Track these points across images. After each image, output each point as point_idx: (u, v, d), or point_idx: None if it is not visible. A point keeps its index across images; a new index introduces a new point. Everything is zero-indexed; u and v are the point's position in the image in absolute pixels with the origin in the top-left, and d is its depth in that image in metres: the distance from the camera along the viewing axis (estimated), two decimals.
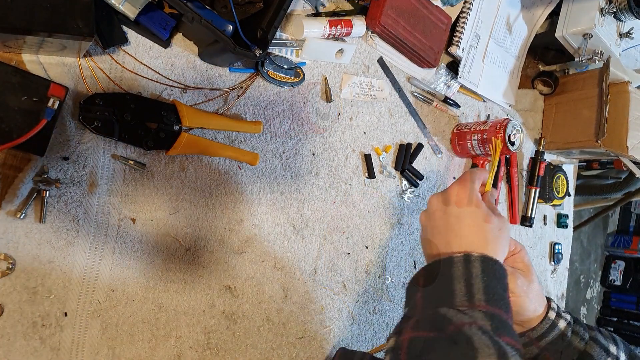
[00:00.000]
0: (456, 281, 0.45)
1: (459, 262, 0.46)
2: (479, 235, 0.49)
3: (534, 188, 1.07)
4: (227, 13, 0.64)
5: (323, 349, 0.79)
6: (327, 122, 0.80)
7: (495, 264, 0.47)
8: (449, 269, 0.46)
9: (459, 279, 0.45)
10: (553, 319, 0.54)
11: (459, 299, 0.44)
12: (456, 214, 0.51)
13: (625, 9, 0.94)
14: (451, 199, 0.52)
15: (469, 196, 0.51)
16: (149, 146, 0.62)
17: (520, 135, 0.91)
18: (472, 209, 0.51)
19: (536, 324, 0.54)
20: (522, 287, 0.53)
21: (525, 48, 1.06)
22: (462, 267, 0.46)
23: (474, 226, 0.49)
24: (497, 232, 0.49)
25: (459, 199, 0.52)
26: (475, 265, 0.46)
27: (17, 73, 0.52)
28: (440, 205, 0.53)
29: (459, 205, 0.51)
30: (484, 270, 0.45)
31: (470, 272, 0.45)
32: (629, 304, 2.90)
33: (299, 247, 0.77)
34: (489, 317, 0.41)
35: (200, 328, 0.67)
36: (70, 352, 0.58)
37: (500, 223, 0.51)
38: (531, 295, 0.53)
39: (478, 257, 0.46)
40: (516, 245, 0.57)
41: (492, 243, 0.48)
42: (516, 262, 0.56)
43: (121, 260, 0.62)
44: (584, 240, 2.92)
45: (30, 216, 0.56)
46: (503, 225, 0.51)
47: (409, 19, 0.83)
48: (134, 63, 0.63)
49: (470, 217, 0.50)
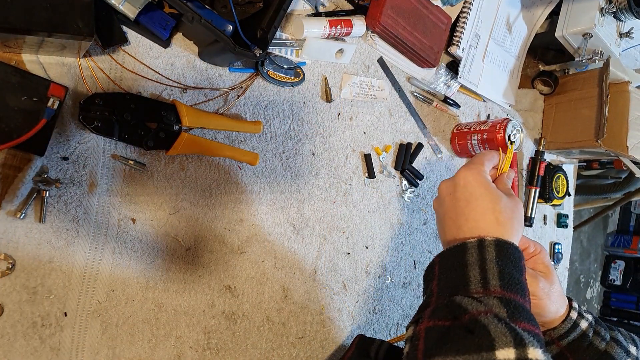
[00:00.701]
0: (470, 267, 0.44)
1: (472, 248, 0.45)
2: (490, 217, 0.47)
3: (534, 188, 1.07)
4: (227, 13, 0.64)
5: (323, 349, 0.79)
6: (327, 122, 0.80)
7: (510, 247, 0.45)
8: (463, 255, 0.45)
9: (473, 265, 0.44)
10: (575, 319, 0.54)
11: (473, 285, 0.43)
12: (465, 198, 0.49)
13: (625, 8, 0.94)
14: (460, 183, 0.51)
15: (476, 179, 0.50)
16: (149, 146, 0.62)
17: (520, 135, 0.91)
18: (481, 190, 0.49)
19: (558, 324, 0.54)
20: (543, 289, 0.52)
21: (525, 48, 1.06)
22: (476, 253, 0.45)
23: (483, 208, 0.48)
24: (509, 213, 0.48)
25: (466, 182, 0.50)
26: (489, 250, 0.45)
27: (17, 73, 0.52)
28: (450, 189, 0.52)
29: (467, 188, 0.50)
30: (499, 254, 0.44)
31: (485, 257, 0.44)
32: (629, 303, 2.90)
33: (299, 247, 0.77)
34: (505, 304, 0.41)
35: (200, 328, 0.67)
36: (70, 352, 0.58)
37: (512, 204, 0.49)
38: (553, 297, 0.52)
39: (492, 241, 0.45)
40: (536, 246, 0.56)
41: (504, 225, 0.47)
42: (537, 263, 0.55)
43: (121, 260, 0.62)
44: (584, 240, 2.92)
45: (30, 216, 0.56)
46: (515, 206, 0.49)
47: (409, 19, 0.83)
48: (134, 63, 0.63)
49: (479, 200, 0.49)
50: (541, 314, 0.52)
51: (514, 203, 0.50)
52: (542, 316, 0.53)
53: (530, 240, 0.55)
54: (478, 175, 0.50)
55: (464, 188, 0.50)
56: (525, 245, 0.55)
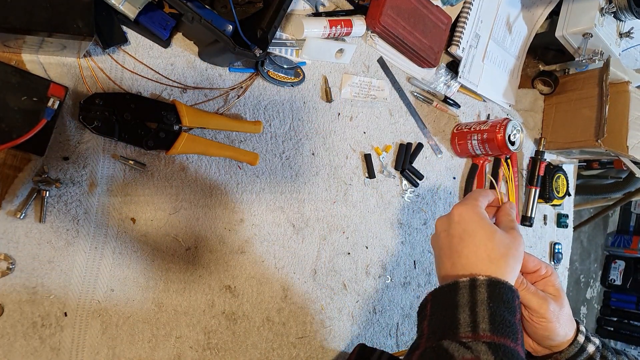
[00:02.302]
0: (461, 309, 0.44)
1: (464, 288, 0.45)
2: (482, 254, 0.47)
3: (534, 188, 1.07)
4: (227, 13, 0.64)
5: (323, 349, 0.79)
6: (327, 122, 0.80)
7: (503, 286, 0.45)
8: (454, 296, 0.45)
9: (464, 307, 0.44)
10: (582, 343, 0.53)
11: (463, 329, 0.42)
12: (459, 234, 0.49)
13: (625, 8, 0.94)
14: (454, 219, 0.50)
15: (470, 214, 0.50)
16: (149, 146, 0.62)
17: (520, 135, 0.91)
18: (474, 226, 0.49)
19: (565, 347, 0.53)
20: (554, 312, 0.51)
21: (525, 48, 1.06)
22: (468, 294, 0.44)
23: (476, 245, 0.48)
24: (502, 250, 0.47)
25: (460, 217, 0.50)
26: (481, 290, 0.44)
27: (17, 73, 0.52)
28: (445, 226, 0.52)
29: (461, 224, 0.50)
30: (490, 295, 0.44)
31: (476, 298, 0.44)
32: (629, 303, 2.90)
33: (299, 247, 0.77)
34: (494, 350, 0.40)
35: (200, 328, 0.67)
36: (70, 352, 0.58)
37: (508, 239, 0.48)
38: (562, 320, 0.52)
39: (484, 280, 0.45)
40: (547, 268, 0.55)
41: (497, 262, 0.47)
42: (547, 285, 0.54)
43: (121, 260, 0.62)
44: (584, 240, 2.92)
45: (30, 216, 0.56)
46: (511, 242, 0.48)
47: (409, 19, 0.83)
48: (134, 63, 0.63)
49: (472, 236, 0.48)
50: (550, 337, 0.52)
51: (511, 239, 0.49)
52: (551, 339, 0.52)
53: (542, 262, 0.55)
54: (472, 210, 0.50)
55: (458, 224, 0.50)
56: (537, 267, 0.54)
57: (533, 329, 0.51)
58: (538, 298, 0.50)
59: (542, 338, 0.52)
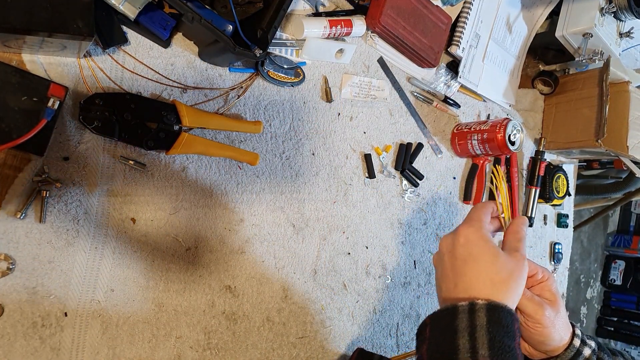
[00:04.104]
0: (460, 335, 0.43)
1: (463, 312, 0.45)
2: (485, 277, 0.47)
3: (534, 188, 1.07)
4: (227, 13, 0.64)
5: (323, 349, 0.79)
6: (327, 122, 0.80)
7: (502, 310, 0.45)
8: (453, 320, 0.45)
9: (463, 332, 0.44)
10: (578, 346, 0.53)
11: (462, 355, 0.42)
12: (463, 257, 0.49)
13: (625, 8, 0.94)
14: (459, 240, 0.50)
15: (476, 237, 0.49)
16: (149, 146, 0.62)
17: (520, 135, 0.91)
18: (478, 249, 0.48)
19: (561, 352, 0.53)
20: (549, 317, 0.51)
21: (525, 48, 1.06)
22: (467, 319, 0.44)
23: (479, 268, 0.47)
24: (505, 274, 0.47)
25: (466, 240, 0.50)
26: (480, 315, 0.44)
27: (17, 73, 0.52)
28: (449, 247, 0.51)
29: (466, 247, 0.49)
30: (490, 319, 0.44)
31: (475, 323, 0.44)
32: (629, 303, 2.90)
33: (299, 247, 0.77)
34: None
35: (200, 328, 0.67)
36: (71, 352, 0.58)
37: (511, 263, 0.48)
38: (558, 325, 0.52)
39: (483, 305, 0.45)
40: (544, 272, 0.55)
41: (499, 286, 0.46)
42: (544, 290, 0.54)
43: (121, 260, 0.62)
44: (584, 240, 2.92)
45: (30, 216, 0.56)
46: (515, 266, 0.48)
47: (409, 19, 0.83)
48: (134, 63, 0.63)
49: (476, 259, 0.48)
50: (545, 343, 0.52)
51: (515, 262, 0.49)
52: (546, 345, 0.52)
53: (538, 266, 0.54)
54: (477, 233, 0.50)
55: (463, 247, 0.49)
56: (534, 272, 0.54)
57: (528, 334, 0.51)
58: (534, 304, 0.50)
59: (537, 343, 0.52)
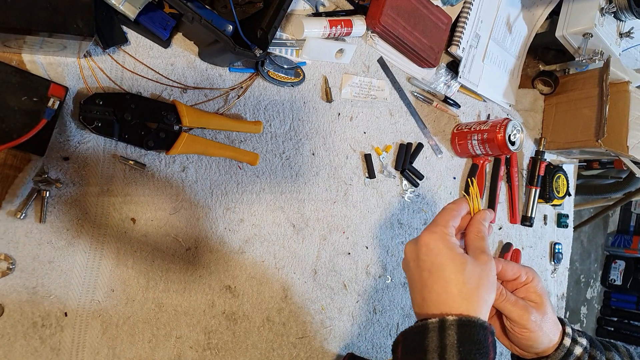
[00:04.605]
0: (429, 356, 0.42)
1: (433, 331, 0.43)
2: (453, 290, 0.45)
3: (534, 188, 1.07)
4: (227, 13, 0.64)
5: (323, 349, 0.79)
6: (327, 122, 0.80)
7: (474, 326, 0.43)
8: (423, 340, 0.43)
9: (432, 353, 0.42)
10: (568, 346, 0.52)
11: None
12: (428, 267, 0.46)
13: (626, 8, 0.94)
14: (422, 250, 0.47)
15: (438, 245, 0.47)
16: (149, 146, 0.62)
17: (520, 135, 0.91)
18: (442, 259, 0.46)
19: (551, 352, 0.52)
20: (535, 322, 0.49)
21: (525, 48, 1.06)
22: (437, 337, 0.42)
23: (445, 280, 0.45)
24: (474, 282, 0.45)
25: (428, 248, 0.47)
26: (450, 333, 0.42)
27: (17, 73, 0.52)
28: (413, 255, 0.48)
29: (429, 256, 0.46)
30: (461, 337, 0.42)
31: (445, 343, 0.42)
32: (629, 303, 2.90)
33: (299, 247, 0.77)
34: None
35: (200, 328, 0.67)
36: (71, 352, 0.58)
37: (478, 269, 0.46)
38: (545, 328, 0.50)
39: (454, 321, 0.43)
40: (528, 273, 0.52)
41: (468, 298, 0.44)
42: (529, 292, 0.52)
43: (121, 260, 0.62)
44: (584, 240, 2.92)
45: (30, 216, 0.56)
46: (482, 271, 0.46)
47: (409, 19, 0.83)
48: (134, 63, 0.63)
49: (440, 270, 0.45)
50: (533, 346, 0.51)
51: (482, 267, 0.46)
52: (535, 348, 0.51)
53: (522, 267, 0.52)
54: (439, 240, 0.47)
55: (426, 256, 0.47)
56: (517, 274, 0.52)
57: (516, 339, 0.50)
58: (518, 308, 0.49)
59: (525, 347, 0.51)
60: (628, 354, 0.55)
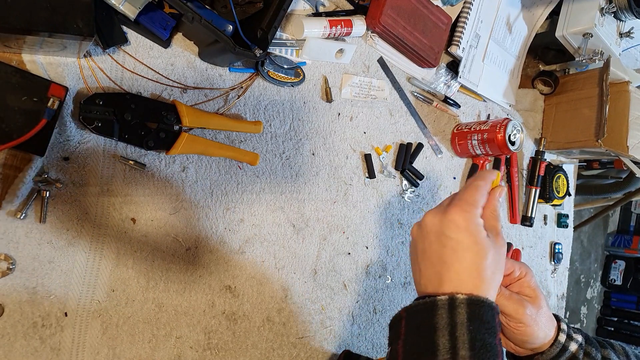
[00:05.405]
0: (440, 333, 0.41)
1: (442, 308, 0.42)
2: (474, 273, 0.44)
3: (534, 188, 1.07)
4: (227, 13, 0.64)
5: (323, 349, 0.79)
6: (327, 122, 0.80)
7: (484, 304, 0.42)
8: (432, 317, 0.42)
9: (443, 330, 0.41)
10: (563, 342, 0.52)
11: (441, 355, 0.40)
12: (452, 245, 0.45)
13: (626, 8, 0.94)
14: (450, 226, 0.45)
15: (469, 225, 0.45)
16: (149, 146, 0.62)
17: (520, 135, 0.91)
18: (471, 241, 0.44)
19: (546, 348, 0.51)
20: (531, 315, 0.49)
21: (525, 48, 1.06)
22: (447, 315, 0.42)
23: (469, 262, 0.44)
24: (493, 267, 0.45)
25: (457, 227, 0.45)
26: (461, 311, 0.42)
27: (17, 73, 0.52)
28: (437, 227, 0.46)
29: (457, 234, 0.45)
30: (471, 316, 0.41)
31: (455, 320, 0.41)
32: (630, 303, 2.90)
33: (299, 247, 0.77)
34: None
35: (200, 328, 0.67)
36: (71, 352, 0.58)
37: (498, 255, 0.45)
38: (541, 322, 0.50)
39: (464, 299, 0.42)
40: (521, 268, 0.52)
41: (486, 281, 0.44)
42: (523, 287, 0.52)
43: (121, 261, 0.62)
44: (584, 240, 2.92)
45: (30, 216, 0.56)
46: (500, 257, 0.46)
47: (409, 19, 0.83)
48: (134, 63, 0.63)
49: (466, 251, 0.44)
50: (529, 341, 0.51)
51: (499, 251, 0.46)
52: (531, 343, 0.51)
53: (515, 263, 0.52)
54: (470, 221, 0.45)
55: (454, 233, 0.45)
56: (511, 269, 0.52)
57: (511, 334, 0.50)
58: (513, 303, 0.49)
59: (521, 342, 0.51)
60: (624, 352, 0.55)
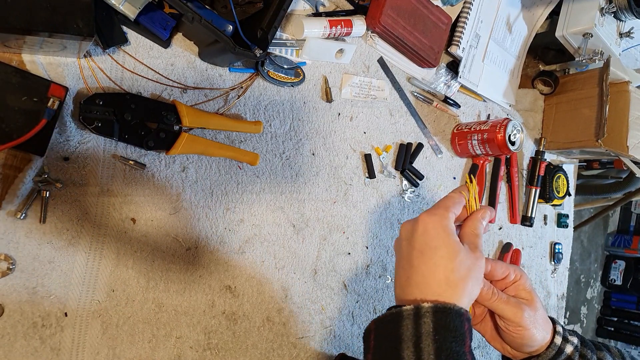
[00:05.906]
0: (404, 345, 0.41)
1: (408, 318, 0.42)
2: (440, 275, 0.44)
3: (534, 188, 1.07)
4: (227, 13, 0.64)
5: (323, 349, 0.79)
6: (327, 122, 0.80)
7: (450, 312, 0.42)
8: (397, 328, 0.42)
9: (407, 342, 0.41)
10: (559, 344, 0.52)
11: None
12: (420, 247, 0.45)
13: (626, 8, 0.94)
14: (418, 229, 0.46)
15: (436, 227, 0.46)
16: (149, 146, 0.62)
17: (520, 135, 0.91)
18: (438, 242, 0.45)
19: (542, 351, 0.52)
20: (529, 318, 0.49)
21: (525, 48, 1.06)
22: (411, 326, 0.41)
23: (435, 263, 0.44)
24: (463, 272, 0.44)
25: (425, 229, 0.46)
26: (426, 321, 0.41)
27: (17, 73, 0.52)
28: (408, 234, 0.47)
29: (425, 237, 0.45)
30: (436, 325, 0.41)
31: (420, 331, 0.41)
32: (630, 303, 2.90)
33: (299, 247, 0.77)
34: None
35: (200, 328, 0.67)
36: (71, 352, 0.58)
37: (470, 261, 0.45)
38: (538, 324, 0.50)
39: (430, 308, 0.42)
40: (516, 272, 0.52)
41: (454, 286, 0.44)
42: (519, 290, 0.52)
43: (121, 261, 0.62)
44: (584, 240, 2.92)
45: (30, 216, 0.56)
46: (473, 264, 0.45)
47: (409, 19, 0.83)
48: (134, 63, 0.63)
49: (433, 252, 0.45)
50: (528, 344, 0.50)
51: (473, 260, 0.46)
52: (529, 346, 0.51)
53: (509, 266, 0.52)
54: (439, 223, 0.46)
55: (422, 236, 0.46)
56: (506, 273, 0.52)
57: (511, 338, 0.50)
58: (512, 306, 0.49)
59: (520, 346, 0.51)
60: (620, 354, 0.55)
